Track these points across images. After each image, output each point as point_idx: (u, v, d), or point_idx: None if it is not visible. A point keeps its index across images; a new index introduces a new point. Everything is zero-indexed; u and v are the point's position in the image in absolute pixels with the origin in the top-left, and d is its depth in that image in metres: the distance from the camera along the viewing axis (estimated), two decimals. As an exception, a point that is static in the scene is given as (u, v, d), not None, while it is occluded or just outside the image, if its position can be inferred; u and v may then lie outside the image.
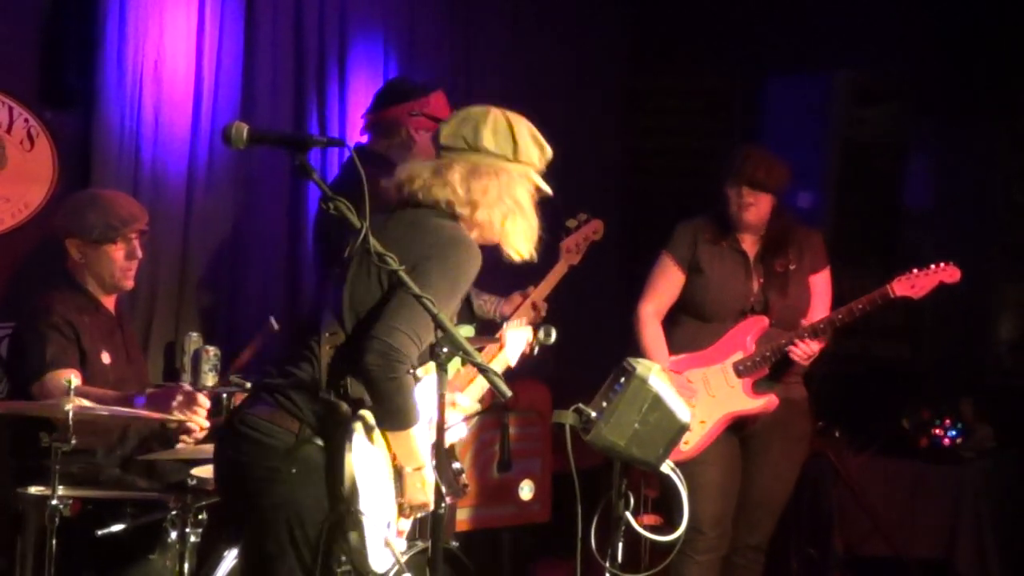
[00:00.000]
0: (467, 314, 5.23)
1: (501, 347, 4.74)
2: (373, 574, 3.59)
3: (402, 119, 5.37)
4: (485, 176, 3.72)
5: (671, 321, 5.55)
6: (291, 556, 3.53)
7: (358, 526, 3.50)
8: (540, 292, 5.47)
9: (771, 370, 5.37)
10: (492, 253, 5.00)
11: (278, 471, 3.52)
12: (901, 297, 5.24)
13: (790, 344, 5.27)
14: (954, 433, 6.75)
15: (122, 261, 5.06)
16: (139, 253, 5.11)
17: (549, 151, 3.87)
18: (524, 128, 3.81)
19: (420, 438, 3.62)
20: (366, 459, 3.52)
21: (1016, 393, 7.05)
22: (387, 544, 3.60)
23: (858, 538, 6.64)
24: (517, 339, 4.78)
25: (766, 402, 5.35)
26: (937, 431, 6.76)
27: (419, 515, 3.75)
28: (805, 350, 5.24)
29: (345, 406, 3.53)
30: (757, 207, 5.38)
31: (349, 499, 3.48)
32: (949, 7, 7.08)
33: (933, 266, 5.24)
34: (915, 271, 5.24)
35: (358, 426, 3.51)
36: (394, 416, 3.53)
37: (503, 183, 3.74)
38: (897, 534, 6.52)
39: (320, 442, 3.53)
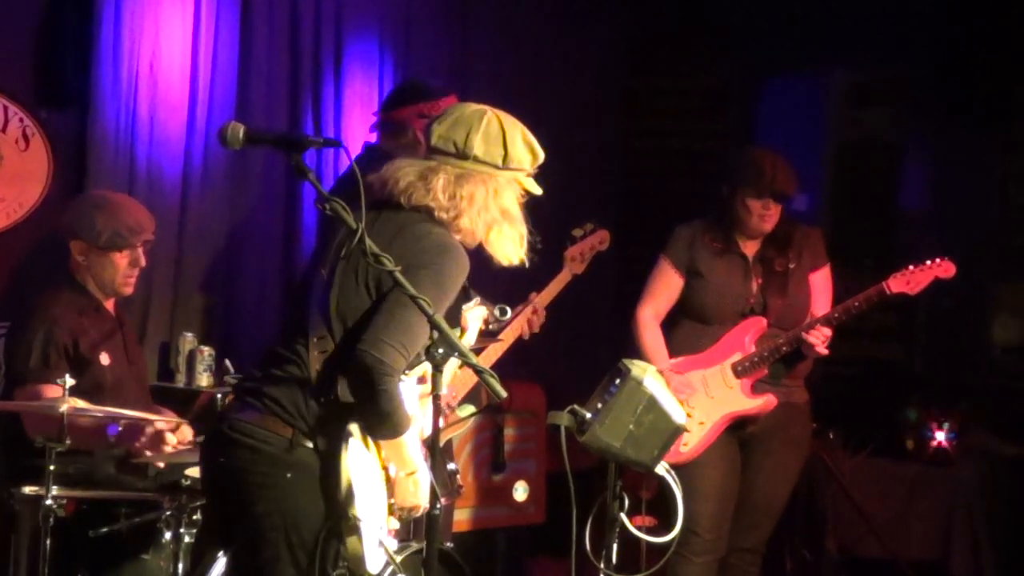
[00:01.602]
0: (457, 319, 5.22)
1: (464, 331, 4.76)
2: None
3: (410, 120, 5.30)
4: (471, 183, 3.65)
5: (671, 324, 5.54)
6: (286, 561, 3.51)
7: (355, 531, 3.50)
8: (542, 300, 5.46)
9: (770, 370, 5.37)
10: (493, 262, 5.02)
11: (272, 477, 3.51)
12: (897, 294, 5.23)
13: (789, 344, 5.27)
14: (949, 435, 6.75)
15: (125, 268, 5.06)
16: (143, 262, 5.11)
17: (541, 154, 3.79)
18: (517, 134, 3.74)
19: (411, 444, 3.60)
20: (360, 463, 3.51)
21: (1011, 395, 7.06)
22: (381, 545, 3.60)
23: (852, 539, 6.64)
24: (475, 319, 4.80)
25: (764, 402, 5.34)
26: (932, 432, 6.76)
27: (409, 517, 3.74)
28: (819, 336, 5.23)
29: (339, 411, 3.51)
30: (776, 214, 5.38)
31: (346, 504, 3.48)
32: (945, 9, 7.08)
33: (928, 262, 5.24)
34: (910, 267, 5.23)
35: (353, 430, 3.50)
36: (384, 426, 3.52)
37: (490, 190, 3.67)
38: (891, 535, 6.52)
39: (313, 446, 3.52)
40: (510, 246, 3.74)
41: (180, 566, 4.48)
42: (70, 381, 4.35)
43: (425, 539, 3.38)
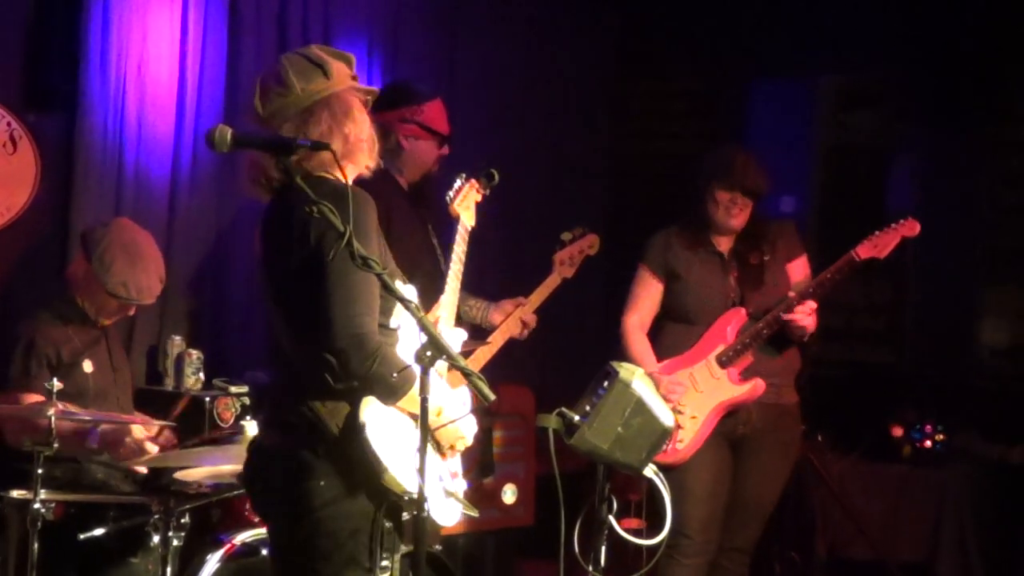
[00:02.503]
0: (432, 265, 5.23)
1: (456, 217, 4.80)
2: (445, 529, 3.61)
3: (393, 125, 5.28)
4: (315, 114, 3.62)
5: (657, 328, 5.57)
6: (342, 562, 3.52)
7: (412, 503, 3.45)
8: (532, 303, 5.47)
9: (759, 367, 5.37)
10: (488, 258, 5.03)
11: (308, 488, 3.49)
12: (867, 259, 5.26)
13: (769, 327, 5.29)
14: (937, 437, 6.76)
15: (113, 309, 5.07)
16: (131, 313, 5.13)
17: (351, 55, 3.78)
18: (318, 52, 3.72)
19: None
20: (388, 438, 3.49)
21: (999, 397, 7.06)
22: (449, 495, 3.61)
23: (841, 542, 6.64)
24: (466, 200, 4.85)
25: (752, 386, 5.35)
26: (920, 435, 6.77)
27: (463, 448, 3.75)
28: (802, 310, 5.24)
29: (344, 399, 3.50)
30: (745, 212, 5.41)
31: (387, 483, 3.46)
32: (934, 12, 7.09)
33: (893, 224, 5.27)
34: (876, 233, 5.27)
35: (363, 415, 3.47)
36: (394, 390, 3.49)
37: (335, 109, 3.64)
38: (880, 538, 6.52)
39: (335, 445, 3.49)
40: (366, 154, 3.71)
41: (168, 569, 4.48)
42: (57, 385, 4.34)
43: (414, 542, 3.37)
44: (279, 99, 3.64)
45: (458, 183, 4.95)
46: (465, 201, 4.92)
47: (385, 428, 3.50)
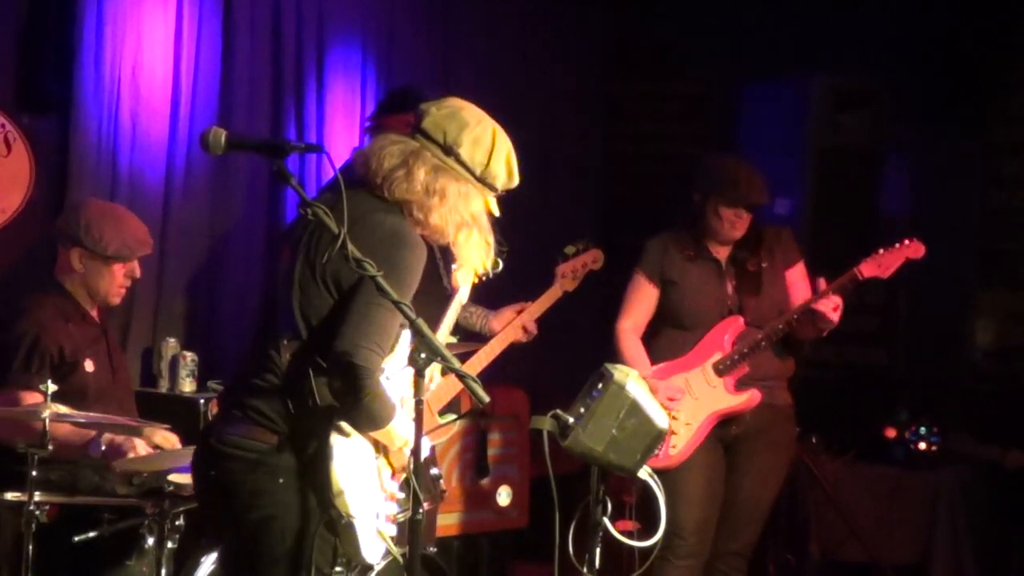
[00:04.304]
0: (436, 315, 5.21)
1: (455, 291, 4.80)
2: (368, 565, 3.62)
3: (399, 129, 5.28)
4: (445, 178, 3.63)
5: (652, 333, 5.56)
6: (283, 564, 3.52)
7: (350, 527, 3.50)
8: (531, 313, 5.46)
9: (753, 368, 5.37)
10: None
11: (264, 484, 3.50)
12: (870, 278, 5.26)
13: (768, 339, 5.30)
14: (930, 439, 6.77)
15: (121, 279, 5.07)
16: (138, 274, 5.14)
17: (516, 181, 3.78)
18: (504, 151, 3.72)
19: (399, 423, 3.57)
20: (348, 457, 3.50)
21: (992, 398, 7.08)
22: (379, 534, 3.60)
23: (835, 543, 6.65)
24: (464, 280, 4.84)
25: (748, 397, 5.35)
26: (914, 437, 6.78)
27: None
28: (827, 304, 5.22)
29: (321, 413, 3.49)
30: (746, 223, 5.40)
31: (336, 503, 3.47)
32: (927, 14, 7.11)
33: (898, 244, 5.27)
34: (881, 251, 5.27)
35: (333, 436, 3.48)
36: (373, 422, 3.51)
37: (462, 191, 3.65)
38: (874, 540, 6.53)
39: (300, 450, 3.50)
40: (476, 252, 3.73)
41: (163, 572, 4.48)
42: (52, 387, 4.33)
43: (408, 544, 3.38)
44: (440, 133, 3.65)
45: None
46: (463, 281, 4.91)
47: (350, 452, 3.51)
